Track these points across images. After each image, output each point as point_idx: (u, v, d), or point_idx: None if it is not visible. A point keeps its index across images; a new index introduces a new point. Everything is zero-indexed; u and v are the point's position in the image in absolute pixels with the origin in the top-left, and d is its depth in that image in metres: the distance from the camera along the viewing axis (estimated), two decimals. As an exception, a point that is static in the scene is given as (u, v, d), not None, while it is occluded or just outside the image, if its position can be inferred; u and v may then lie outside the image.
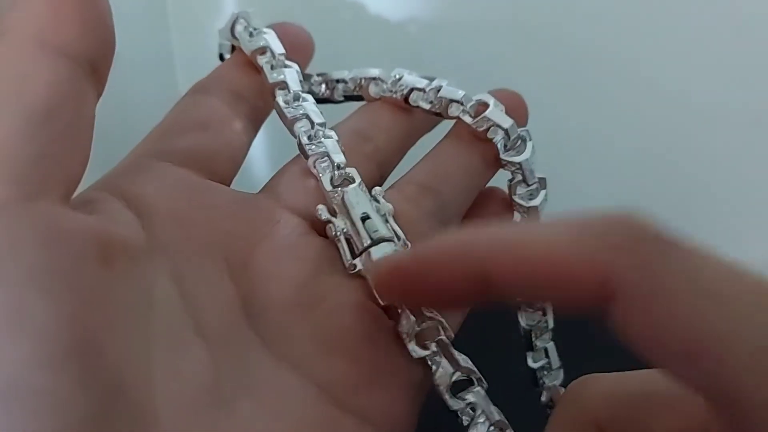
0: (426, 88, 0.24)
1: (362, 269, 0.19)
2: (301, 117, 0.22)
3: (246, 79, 0.23)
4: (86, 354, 0.13)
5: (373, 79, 0.25)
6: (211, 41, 0.25)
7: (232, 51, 0.25)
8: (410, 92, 0.24)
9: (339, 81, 0.25)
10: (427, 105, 0.24)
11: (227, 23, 0.24)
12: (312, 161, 0.21)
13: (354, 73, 0.25)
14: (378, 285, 0.18)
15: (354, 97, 0.25)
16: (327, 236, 0.20)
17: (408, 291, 0.17)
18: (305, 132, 0.22)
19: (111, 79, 0.18)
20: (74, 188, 0.16)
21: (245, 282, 0.18)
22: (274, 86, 0.23)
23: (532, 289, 0.15)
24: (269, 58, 0.23)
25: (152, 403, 0.14)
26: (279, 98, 0.22)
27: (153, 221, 0.17)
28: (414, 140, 0.25)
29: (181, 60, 0.25)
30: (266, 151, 0.22)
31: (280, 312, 0.18)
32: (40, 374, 0.13)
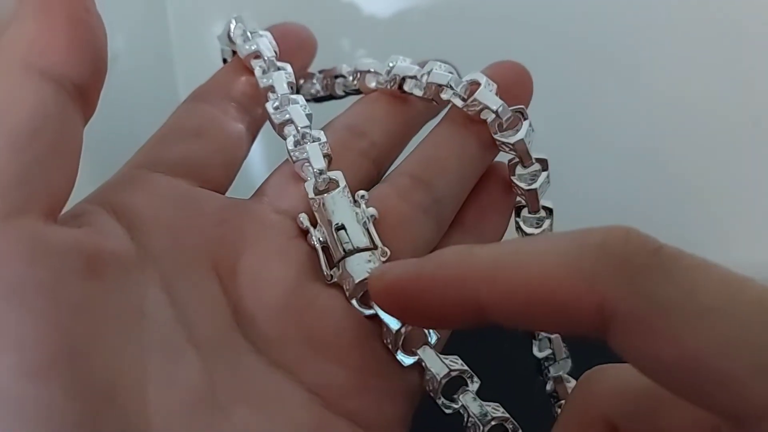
0: (418, 75, 0.23)
1: (337, 280, 0.19)
2: (288, 122, 0.22)
3: (243, 85, 0.23)
4: (72, 363, 0.14)
5: (369, 72, 0.24)
6: (211, 43, 0.25)
7: (233, 55, 0.25)
8: (403, 81, 0.23)
9: (338, 76, 0.25)
10: (420, 92, 0.23)
11: (224, 28, 0.24)
12: (298, 167, 0.21)
13: (352, 67, 0.25)
14: (375, 298, 0.18)
15: (354, 92, 0.25)
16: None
17: (405, 308, 0.16)
18: (293, 137, 0.21)
19: (111, 81, 0.18)
20: (60, 205, 0.16)
21: (235, 289, 0.18)
22: (266, 91, 0.23)
23: (529, 317, 0.14)
24: (262, 62, 0.23)
25: (144, 411, 0.15)
26: (269, 103, 0.22)
27: (142, 232, 0.18)
28: (415, 131, 0.24)
29: (181, 62, 0.25)
30: (264, 155, 0.22)
31: (271, 317, 0.18)
32: (26, 383, 0.13)
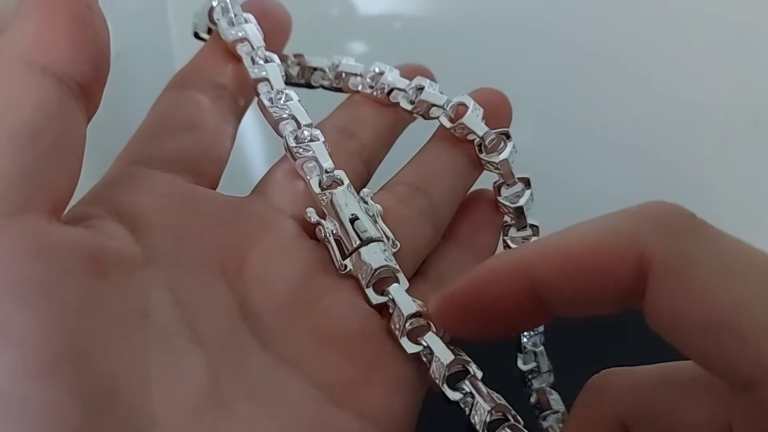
0: (407, 89, 0.24)
1: (352, 270, 0.20)
2: (287, 117, 0.22)
3: (228, 72, 0.23)
4: (75, 362, 0.14)
5: (354, 75, 0.25)
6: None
7: (209, 32, 0.24)
8: (391, 91, 0.24)
9: (316, 69, 0.26)
10: (409, 105, 0.24)
11: (205, 7, 0.24)
12: (300, 164, 0.21)
13: (332, 61, 0.25)
14: (438, 319, 0.18)
15: (332, 89, 0.26)
16: (317, 238, 0.21)
17: (468, 320, 0.17)
18: (292, 133, 0.22)
19: (111, 80, 0.18)
20: (63, 204, 0.16)
21: (240, 287, 0.19)
22: (257, 82, 0.23)
23: (580, 284, 0.15)
24: (250, 50, 0.23)
25: (149, 410, 0.15)
26: (263, 96, 0.22)
27: (146, 234, 0.18)
28: (399, 131, 0.25)
29: (181, 60, 0.24)
30: (264, 152, 0.22)
31: (276, 314, 0.19)
32: (28, 383, 0.13)
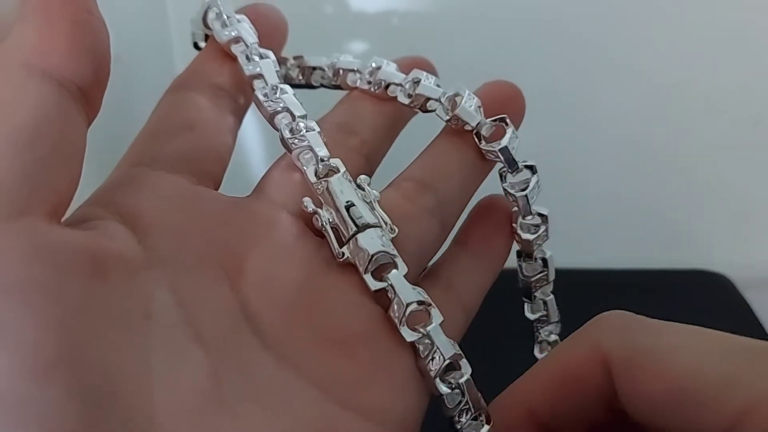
0: (404, 83, 0.24)
1: (350, 257, 0.20)
2: (282, 110, 0.22)
3: (225, 72, 0.23)
4: (73, 363, 0.14)
5: (351, 71, 0.25)
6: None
7: (206, 39, 0.25)
8: (388, 86, 0.24)
9: (316, 68, 0.26)
10: (406, 99, 0.24)
11: (199, 12, 0.24)
12: (296, 155, 0.21)
13: (331, 60, 0.25)
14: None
15: (332, 86, 0.26)
16: (318, 231, 0.21)
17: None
18: (287, 125, 0.22)
19: (111, 82, 0.18)
20: (63, 207, 0.16)
21: (242, 288, 0.19)
22: (252, 78, 0.23)
23: (567, 397, 0.18)
24: (244, 48, 0.23)
25: (149, 411, 0.15)
26: (258, 91, 0.23)
27: (148, 235, 0.18)
28: (401, 126, 0.25)
29: (181, 59, 0.24)
30: (265, 149, 0.23)
31: (279, 315, 0.19)
32: (26, 384, 0.13)
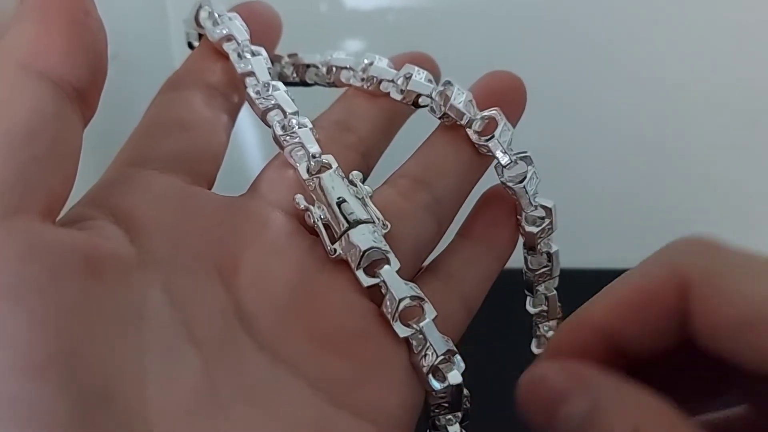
0: (395, 79, 0.24)
1: (342, 254, 0.20)
2: (273, 107, 0.22)
3: (218, 70, 0.23)
4: (67, 362, 0.14)
5: (345, 68, 0.25)
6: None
7: (200, 39, 0.25)
8: (380, 82, 0.24)
9: (310, 66, 0.26)
10: (399, 95, 0.24)
11: (191, 12, 0.24)
12: (288, 151, 0.21)
13: (325, 57, 0.25)
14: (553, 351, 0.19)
15: (327, 84, 0.26)
16: (312, 229, 0.20)
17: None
18: (279, 122, 0.22)
19: (111, 79, 0.18)
20: (58, 207, 0.16)
21: (236, 288, 0.19)
22: (244, 76, 0.23)
23: (641, 318, 0.17)
24: (236, 46, 0.23)
25: (143, 410, 0.15)
26: (249, 89, 0.22)
27: (142, 235, 0.18)
28: (399, 123, 0.25)
29: (180, 58, 0.24)
30: (261, 148, 0.22)
31: (273, 315, 0.19)
32: (19, 383, 0.13)
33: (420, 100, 0.23)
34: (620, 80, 0.36)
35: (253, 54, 0.23)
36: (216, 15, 0.24)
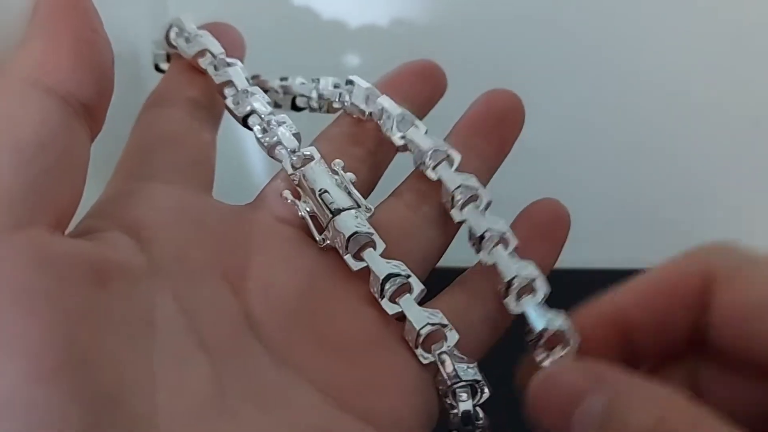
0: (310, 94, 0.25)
1: (330, 242, 0.20)
2: (251, 112, 0.23)
3: (197, 85, 0.24)
4: (77, 369, 0.14)
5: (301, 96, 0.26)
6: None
7: (168, 59, 0.25)
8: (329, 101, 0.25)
9: (267, 90, 0.27)
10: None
11: (162, 33, 0.25)
12: (271, 151, 0.22)
13: (284, 83, 0.27)
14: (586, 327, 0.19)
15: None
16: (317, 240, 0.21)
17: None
18: (258, 125, 0.23)
19: (118, 79, 0.19)
20: (67, 218, 0.17)
21: (245, 295, 0.19)
22: (222, 86, 0.24)
23: (662, 307, 0.19)
24: (211, 59, 0.24)
25: (153, 416, 0.15)
26: (228, 98, 0.23)
27: (151, 245, 0.18)
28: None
29: None
30: (266, 159, 0.23)
31: (281, 321, 0.19)
32: (32, 389, 0.14)
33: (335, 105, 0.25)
34: (619, 82, 0.37)
35: (229, 65, 0.24)
36: (187, 33, 0.24)
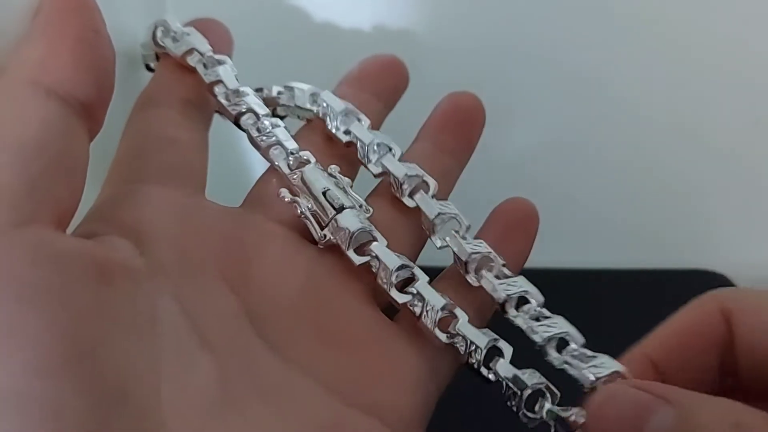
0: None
1: (332, 238, 0.21)
2: (246, 111, 0.23)
3: (187, 84, 0.24)
4: (83, 363, 0.14)
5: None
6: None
7: (157, 59, 0.25)
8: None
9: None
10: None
11: (148, 34, 0.24)
12: (265, 151, 0.22)
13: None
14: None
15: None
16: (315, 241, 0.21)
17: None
18: (253, 125, 0.22)
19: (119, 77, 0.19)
20: (68, 217, 0.17)
21: (246, 294, 0.19)
22: (212, 85, 0.23)
23: (689, 348, 0.19)
24: (199, 57, 0.24)
25: (158, 411, 0.15)
26: (220, 96, 0.23)
27: (150, 248, 0.18)
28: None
29: None
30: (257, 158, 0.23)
31: (283, 318, 0.19)
32: (38, 382, 0.14)
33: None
34: (618, 80, 0.37)
35: (219, 63, 0.23)
36: (173, 32, 0.24)
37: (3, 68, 0.17)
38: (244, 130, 0.22)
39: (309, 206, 0.21)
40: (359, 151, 0.23)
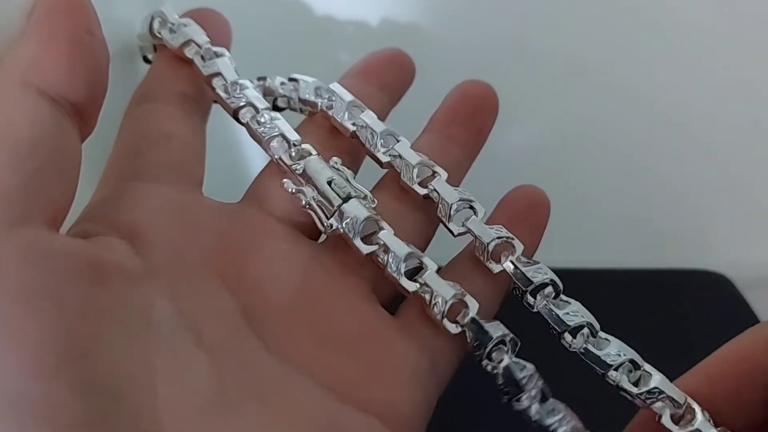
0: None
1: (338, 227, 0.20)
2: (246, 105, 0.22)
3: (184, 77, 0.23)
4: (79, 363, 0.14)
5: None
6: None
7: (155, 50, 0.24)
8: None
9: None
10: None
11: (145, 26, 0.24)
12: (266, 144, 0.22)
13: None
14: None
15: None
16: (312, 236, 0.21)
17: None
18: (252, 118, 0.22)
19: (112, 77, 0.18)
20: (61, 217, 0.17)
21: (242, 293, 0.19)
22: (210, 77, 0.23)
23: (740, 381, 0.19)
24: (197, 49, 0.23)
25: (154, 411, 0.15)
26: (218, 89, 0.23)
27: (145, 247, 0.18)
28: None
29: None
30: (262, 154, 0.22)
31: (279, 317, 0.19)
32: (34, 382, 0.14)
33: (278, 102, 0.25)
34: (619, 80, 0.37)
35: (217, 55, 0.23)
36: (170, 23, 0.24)
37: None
38: (243, 124, 0.22)
39: (314, 196, 0.21)
40: (368, 140, 0.22)
